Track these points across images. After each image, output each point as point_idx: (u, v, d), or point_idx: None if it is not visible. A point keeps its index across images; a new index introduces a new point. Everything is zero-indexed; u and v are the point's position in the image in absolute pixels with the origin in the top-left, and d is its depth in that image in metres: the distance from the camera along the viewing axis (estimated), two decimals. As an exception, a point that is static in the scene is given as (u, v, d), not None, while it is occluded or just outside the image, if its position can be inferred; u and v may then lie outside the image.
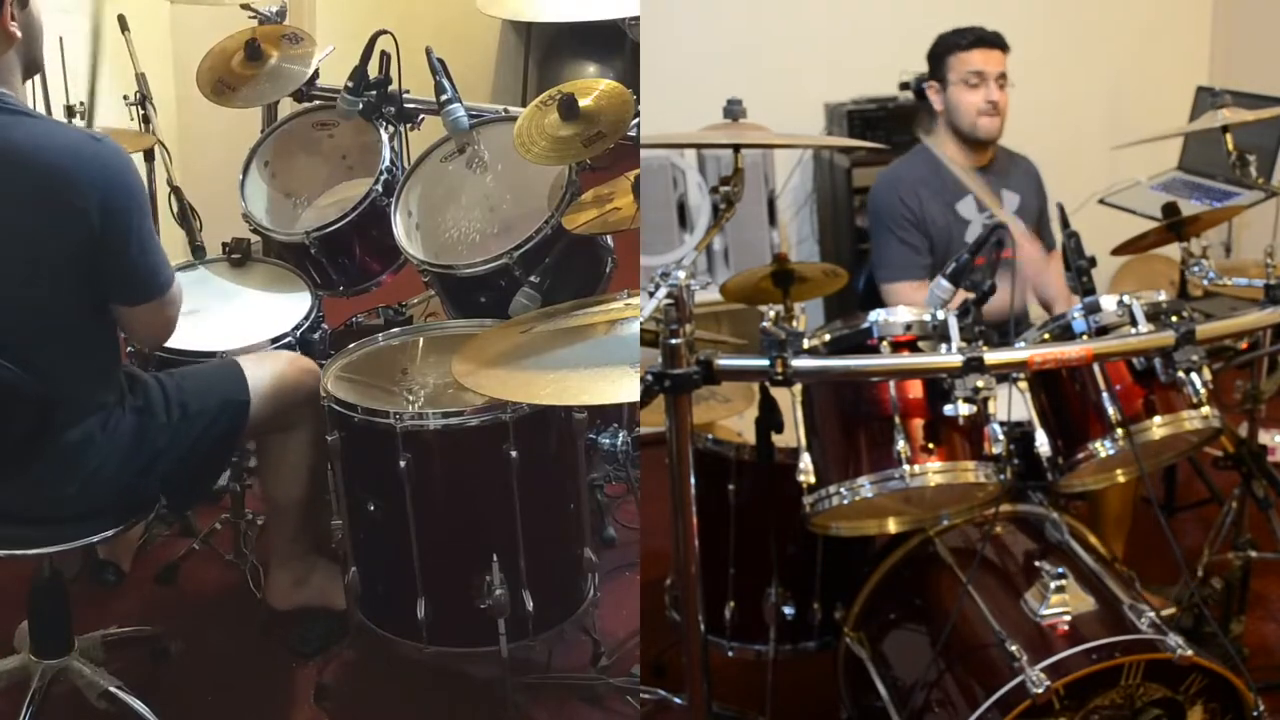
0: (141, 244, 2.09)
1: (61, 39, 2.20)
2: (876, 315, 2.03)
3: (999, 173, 2.97)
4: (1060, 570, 2.01)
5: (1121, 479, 2.25)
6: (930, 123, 3.01)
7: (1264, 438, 2.59)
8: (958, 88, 2.91)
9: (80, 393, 2.13)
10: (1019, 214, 2.93)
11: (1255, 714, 1.97)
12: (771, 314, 1.94)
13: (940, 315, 1.99)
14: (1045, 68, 4.11)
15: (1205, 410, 2.07)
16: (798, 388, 2.07)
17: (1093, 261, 2.12)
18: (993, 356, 1.81)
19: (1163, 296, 2.11)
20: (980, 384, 1.79)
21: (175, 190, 3.38)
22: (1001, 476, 2.01)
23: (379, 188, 2.78)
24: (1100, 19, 4.26)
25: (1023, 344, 2.13)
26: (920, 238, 2.92)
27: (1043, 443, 2.03)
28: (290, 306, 2.75)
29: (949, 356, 1.84)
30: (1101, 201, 3.59)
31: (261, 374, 2.35)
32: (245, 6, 3.12)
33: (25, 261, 2.03)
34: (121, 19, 3.23)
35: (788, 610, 2.35)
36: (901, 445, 1.96)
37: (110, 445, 2.16)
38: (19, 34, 2.07)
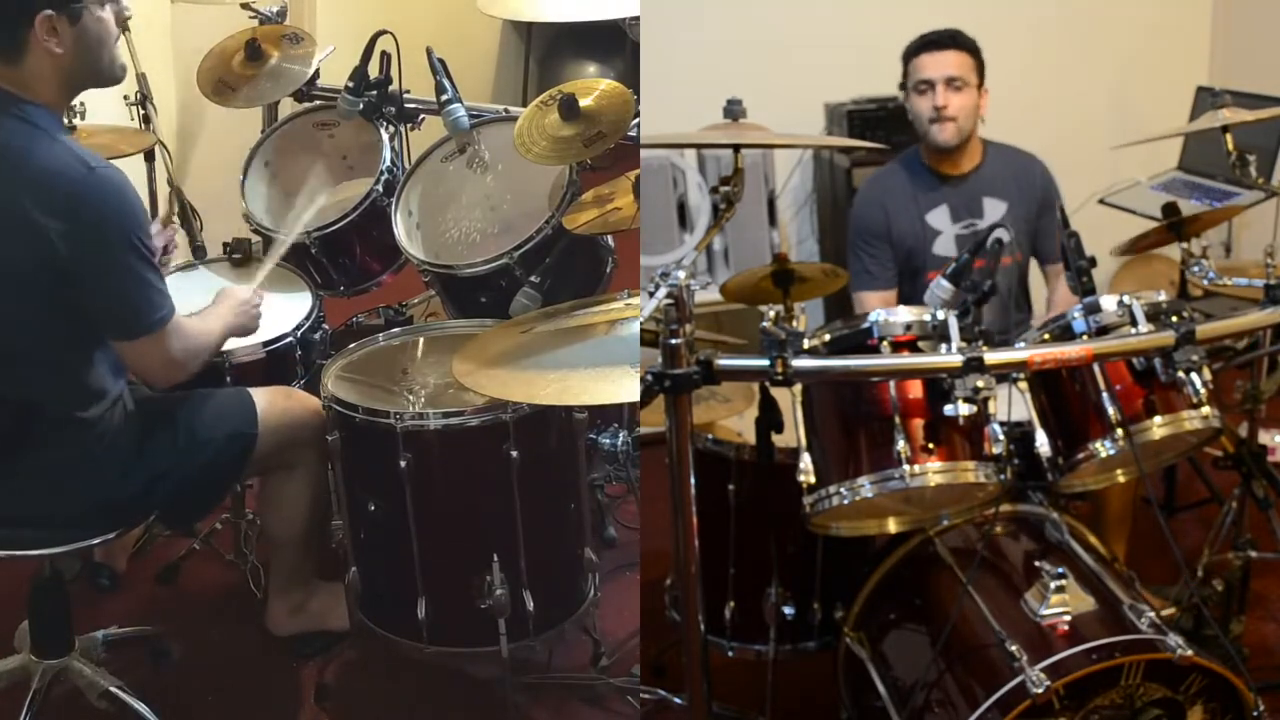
0: (121, 279, 2.05)
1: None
2: (876, 315, 2.03)
3: (985, 178, 2.92)
4: (1060, 570, 2.01)
5: (1121, 479, 2.25)
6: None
7: (1264, 438, 2.59)
8: (911, 95, 2.90)
9: (58, 409, 2.12)
10: (1003, 222, 2.89)
11: (1255, 714, 1.97)
12: (771, 314, 1.94)
13: (940, 315, 1.99)
14: (1045, 67, 4.11)
15: (1205, 410, 2.07)
16: (798, 388, 2.07)
17: (1093, 261, 2.12)
18: (993, 356, 1.81)
19: (1163, 296, 2.11)
20: (980, 384, 1.79)
21: (175, 190, 3.39)
22: (1001, 476, 2.01)
23: (379, 188, 2.78)
24: (1101, 18, 4.25)
25: (1023, 344, 2.14)
26: (885, 249, 2.93)
27: (1043, 443, 2.03)
28: (291, 306, 2.75)
29: (949, 356, 1.84)
30: (1101, 201, 3.59)
31: (271, 409, 2.36)
32: (245, 6, 3.12)
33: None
34: (122, 19, 3.23)
35: (788, 610, 2.35)
36: (901, 445, 1.96)
37: (106, 460, 2.16)
38: (58, 51, 2.04)
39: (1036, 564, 2.07)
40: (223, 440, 2.30)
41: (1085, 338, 2.08)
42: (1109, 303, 2.08)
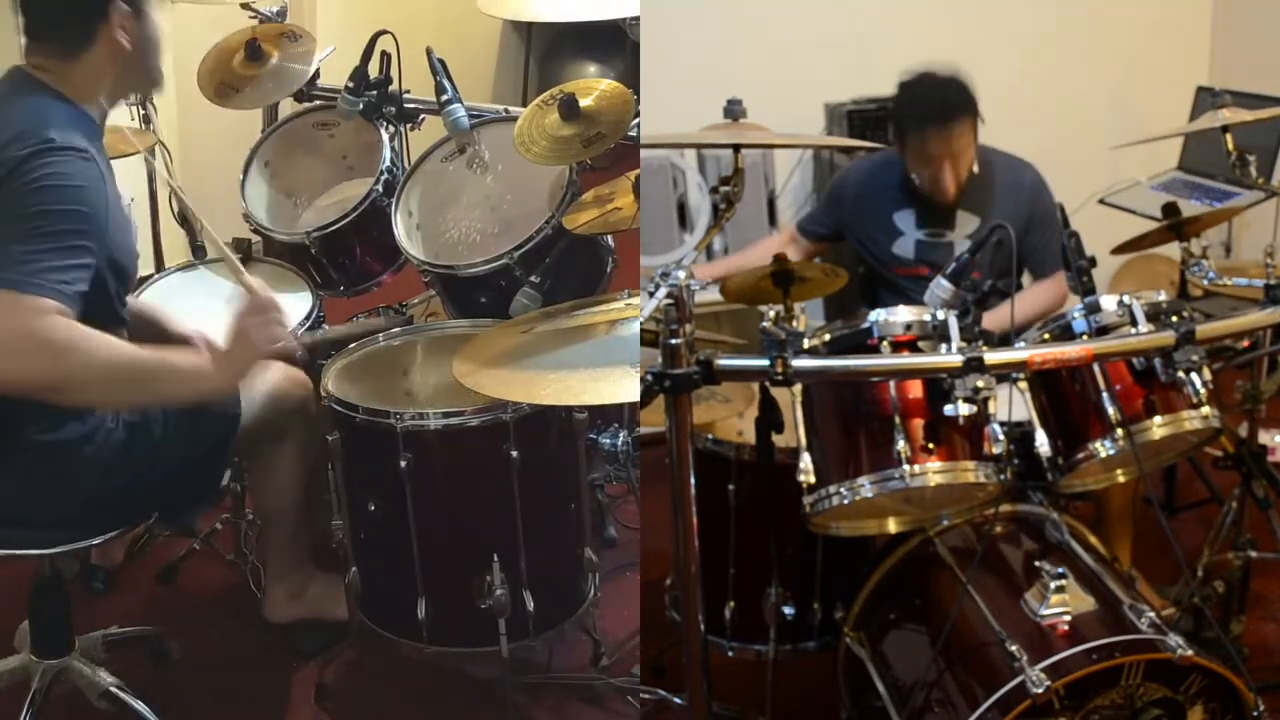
0: (9, 225, 1.89)
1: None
2: (876, 315, 2.03)
3: (965, 195, 2.84)
4: (1060, 570, 2.01)
5: (1122, 479, 2.25)
6: None
7: (1264, 438, 2.58)
8: (909, 156, 2.80)
9: (48, 407, 2.05)
10: (971, 238, 2.84)
11: (1255, 714, 1.97)
12: (771, 314, 1.95)
13: (940, 315, 1.99)
14: (1045, 67, 4.11)
15: (1205, 410, 2.07)
16: (798, 388, 2.07)
17: (1093, 261, 2.12)
18: (993, 356, 1.81)
19: (1163, 296, 2.11)
20: (980, 384, 1.79)
21: (175, 190, 3.39)
22: (1001, 476, 2.01)
23: (379, 188, 2.78)
24: (1101, 19, 4.25)
25: (1023, 344, 2.14)
26: (828, 216, 3.06)
27: (1043, 443, 2.03)
28: (291, 306, 2.74)
29: (949, 356, 1.84)
30: (1101, 201, 3.59)
31: (252, 385, 2.33)
32: (245, 6, 3.12)
33: None
34: (122, 19, 3.24)
35: (788, 610, 2.35)
36: (901, 445, 1.96)
37: (98, 457, 2.14)
38: (129, 46, 2.03)
39: (1036, 564, 2.07)
40: (206, 422, 2.26)
41: (1085, 338, 2.08)
42: (1109, 303, 2.08)
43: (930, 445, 1.97)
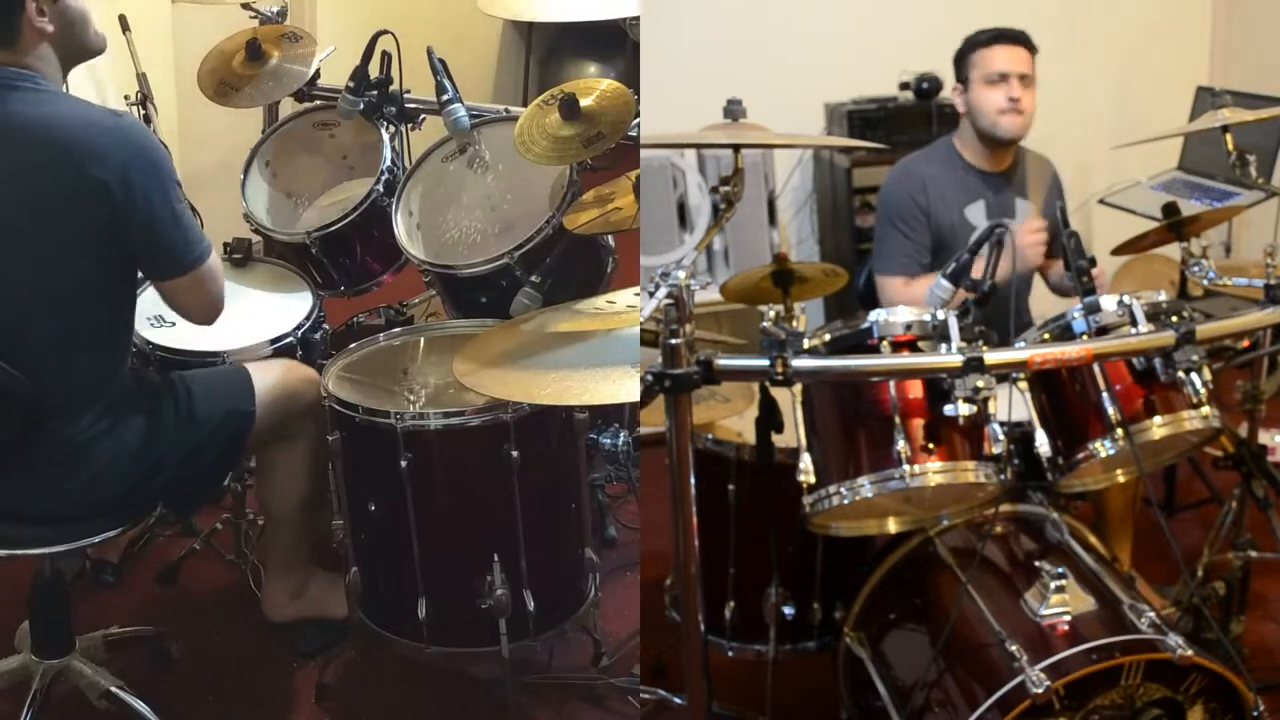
0: (172, 215, 2.09)
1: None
2: (876, 315, 2.03)
3: (1017, 180, 2.92)
4: (1060, 570, 2.02)
5: (1122, 479, 2.25)
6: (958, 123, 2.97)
7: (1264, 438, 2.59)
8: (979, 86, 2.86)
9: (81, 388, 2.12)
10: None
11: (1255, 714, 1.97)
12: (771, 314, 1.94)
13: (940, 315, 1.99)
14: (1045, 68, 4.09)
15: (1205, 410, 2.07)
16: (798, 388, 2.07)
17: (1093, 261, 2.12)
18: (993, 356, 1.81)
19: (1163, 296, 2.11)
20: (980, 384, 1.79)
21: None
22: (1001, 476, 2.01)
23: (380, 188, 2.78)
24: (1101, 19, 4.26)
25: (1023, 344, 2.14)
26: (924, 234, 2.88)
27: (1043, 443, 2.03)
28: (292, 306, 2.75)
29: (949, 356, 1.84)
30: (1101, 201, 3.59)
31: (266, 383, 2.35)
32: (246, 6, 3.12)
33: (35, 244, 2.04)
34: (122, 19, 3.23)
35: (788, 610, 2.35)
36: (901, 445, 1.96)
37: (118, 445, 2.15)
38: (50, 28, 2.08)
39: (1036, 564, 2.07)
40: (221, 418, 2.29)
41: (1085, 338, 2.08)
42: (1109, 303, 2.08)
43: (930, 445, 1.97)
